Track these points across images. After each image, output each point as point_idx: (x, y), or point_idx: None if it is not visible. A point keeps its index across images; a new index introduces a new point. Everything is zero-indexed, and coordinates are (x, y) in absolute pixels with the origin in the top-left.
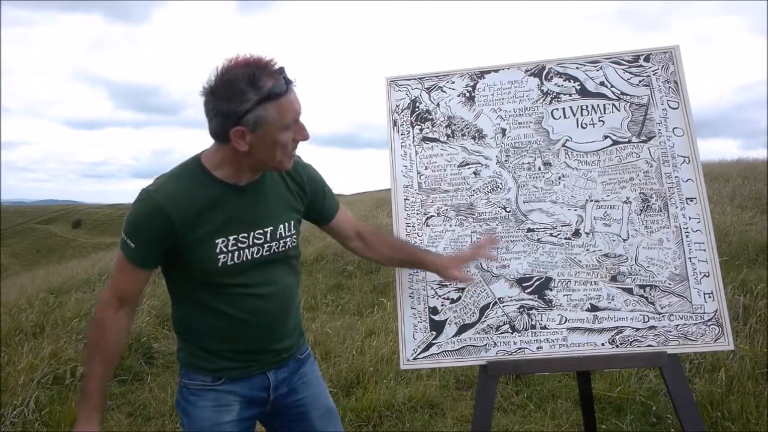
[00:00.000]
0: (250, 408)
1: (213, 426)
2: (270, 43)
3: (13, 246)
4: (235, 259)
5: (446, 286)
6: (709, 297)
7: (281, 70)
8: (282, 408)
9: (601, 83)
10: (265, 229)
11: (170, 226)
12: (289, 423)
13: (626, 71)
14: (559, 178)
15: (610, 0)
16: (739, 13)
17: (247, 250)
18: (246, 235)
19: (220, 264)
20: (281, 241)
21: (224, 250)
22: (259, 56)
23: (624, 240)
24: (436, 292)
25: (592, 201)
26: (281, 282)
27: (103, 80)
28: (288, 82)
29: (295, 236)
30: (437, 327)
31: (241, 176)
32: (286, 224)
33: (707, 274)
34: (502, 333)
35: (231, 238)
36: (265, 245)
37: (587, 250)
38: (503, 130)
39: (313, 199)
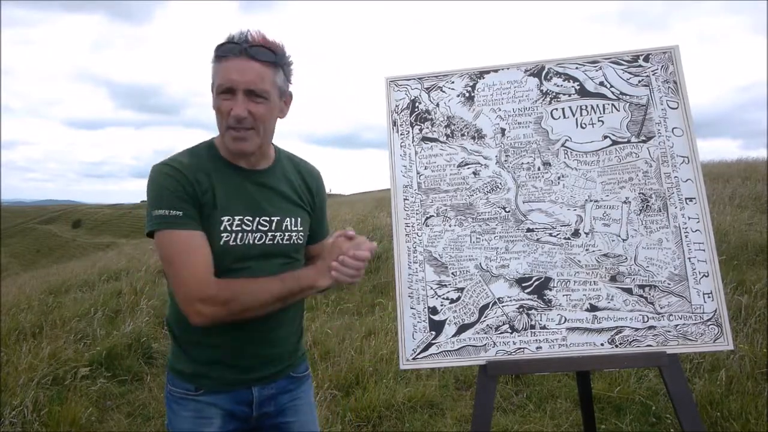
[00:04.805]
0: (232, 421)
1: None
2: None
3: (13, 246)
4: (237, 241)
5: (446, 286)
6: (709, 297)
7: (241, 37)
8: (266, 427)
9: (601, 83)
10: (272, 218)
11: (191, 186)
12: None
13: (626, 71)
14: (559, 178)
15: (612, 0)
16: (740, 13)
17: (249, 235)
18: (251, 218)
19: (222, 242)
20: (286, 234)
21: (228, 229)
22: (250, 29)
23: (623, 240)
24: (435, 292)
25: (591, 201)
26: None
27: (104, 80)
28: (236, 50)
29: (301, 234)
30: (437, 327)
31: (237, 157)
32: (293, 219)
33: (706, 274)
34: (501, 333)
35: (236, 218)
36: (269, 234)
37: (587, 250)
38: (503, 130)
39: (315, 210)
